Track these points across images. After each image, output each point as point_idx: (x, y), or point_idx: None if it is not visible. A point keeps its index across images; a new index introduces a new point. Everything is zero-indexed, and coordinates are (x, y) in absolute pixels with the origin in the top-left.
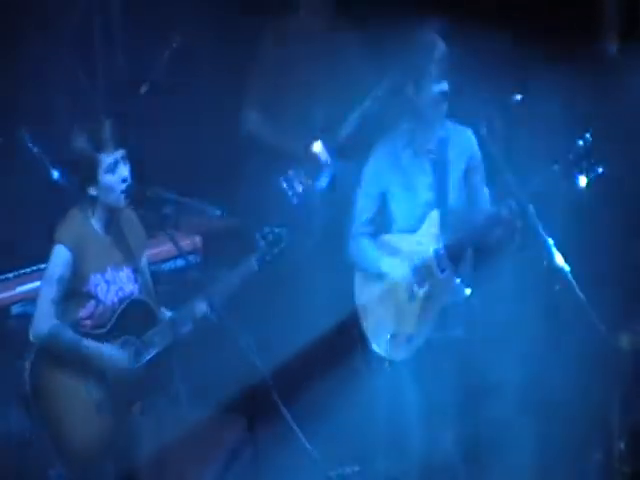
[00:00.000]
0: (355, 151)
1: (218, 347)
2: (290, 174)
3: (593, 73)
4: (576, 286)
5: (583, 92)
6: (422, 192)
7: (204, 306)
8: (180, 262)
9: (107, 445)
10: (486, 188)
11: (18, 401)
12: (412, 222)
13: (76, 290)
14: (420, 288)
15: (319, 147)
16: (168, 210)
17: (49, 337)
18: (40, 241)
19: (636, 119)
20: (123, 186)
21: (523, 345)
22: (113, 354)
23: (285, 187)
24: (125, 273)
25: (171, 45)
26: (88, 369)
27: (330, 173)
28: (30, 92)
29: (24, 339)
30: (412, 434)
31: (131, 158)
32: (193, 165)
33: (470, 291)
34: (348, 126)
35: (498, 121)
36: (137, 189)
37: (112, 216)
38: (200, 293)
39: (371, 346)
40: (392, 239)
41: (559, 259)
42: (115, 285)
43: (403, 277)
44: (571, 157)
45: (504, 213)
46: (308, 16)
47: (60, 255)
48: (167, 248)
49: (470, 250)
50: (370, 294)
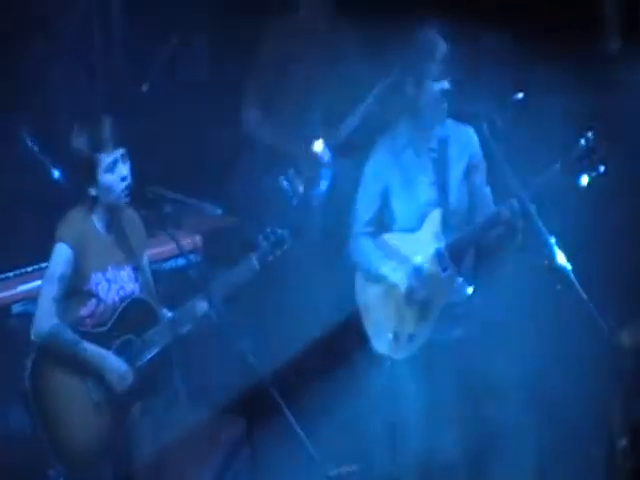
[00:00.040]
0: (355, 150)
1: (218, 347)
2: (291, 173)
3: (594, 72)
4: (578, 285)
5: (585, 91)
6: (423, 191)
7: (205, 305)
8: (181, 261)
9: (107, 445)
10: (488, 187)
11: (18, 400)
12: (413, 221)
13: (77, 288)
14: (420, 291)
15: (320, 146)
16: (169, 209)
17: (49, 336)
18: (41, 240)
19: (637, 118)
20: (123, 185)
21: (525, 344)
22: (111, 361)
23: (286, 187)
24: (126, 272)
25: (171, 45)
26: (88, 369)
27: (331, 172)
28: (30, 92)
29: (25, 338)
30: (413, 434)
31: (131, 156)
32: (193, 164)
33: (472, 290)
34: (348, 125)
35: (499, 120)
36: (138, 189)
37: (113, 215)
38: (201, 292)
39: (372, 345)
40: (393, 238)
41: (561, 258)
42: (116, 284)
43: (402, 281)
44: (573, 156)
45: (505, 212)
46: (308, 16)
47: (61, 253)
48: (168, 247)
49: (472, 249)
50: (371, 293)
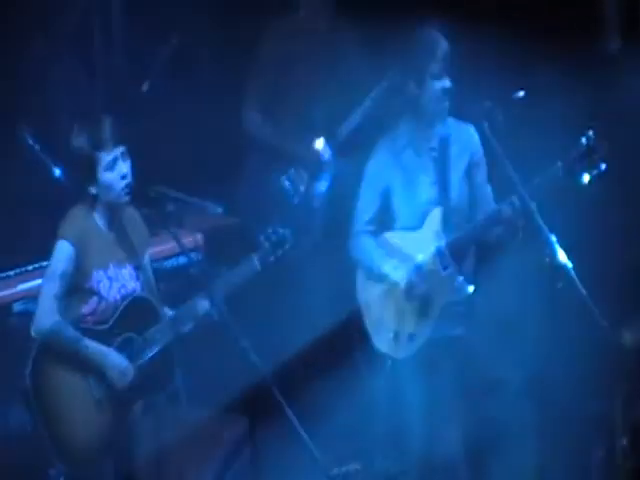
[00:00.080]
0: (357, 150)
1: (219, 346)
2: (292, 173)
3: (596, 71)
4: (579, 283)
5: (586, 90)
6: (424, 190)
7: (206, 304)
8: (182, 260)
9: (108, 443)
10: (488, 185)
11: (19, 399)
12: (414, 220)
13: (79, 286)
14: (421, 288)
15: (321, 145)
16: (171, 208)
17: (50, 333)
18: (42, 239)
19: (637, 118)
20: (123, 183)
21: (526, 342)
22: (112, 358)
23: (287, 186)
24: (127, 270)
25: (171, 44)
26: (89, 367)
27: (332, 172)
28: (31, 91)
29: (25, 337)
30: (414, 432)
31: (133, 155)
32: (195, 163)
33: (472, 289)
34: (349, 125)
35: (500, 118)
36: (140, 187)
37: (114, 213)
38: (202, 291)
39: (373, 344)
40: (394, 237)
41: (562, 256)
42: (117, 282)
43: (404, 280)
44: (574, 154)
45: (506, 210)
46: (308, 16)
47: (63, 250)
48: (169, 246)
49: (472, 248)
50: (372, 292)
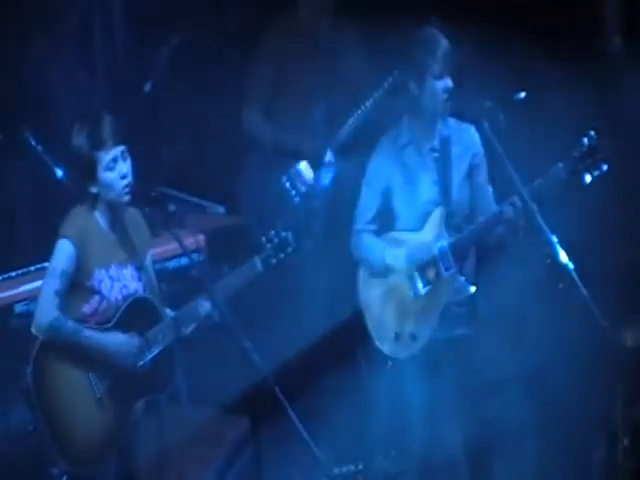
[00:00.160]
0: (358, 150)
1: (221, 346)
2: (292, 173)
3: (596, 71)
4: (580, 283)
5: (587, 90)
6: (425, 190)
7: (208, 305)
8: (184, 260)
9: (109, 443)
10: (489, 186)
11: (21, 398)
12: (416, 220)
13: (80, 284)
14: (424, 286)
15: (321, 146)
16: (172, 208)
17: (50, 329)
18: (44, 240)
19: (638, 118)
20: (123, 183)
21: (527, 343)
22: (115, 342)
23: (288, 186)
24: (129, 271)
25: (172, 44)
26: (91, 365)
27: (333, 171)
28: (33, 92)
29: (27, 338)
30: (415, 433)
31: (134, 156)
32: (196, 164)
33: (474, 289)
34: (350, 125)
35: (501, 119)
36: (141, 188)
37: (116, 213)
38: (204, 292)
39: (375, 344)
40: (396, 237)
41: (563, 256)
42: (119, 282)
43: (407, 268)
44: (575, 155)
45: (508, 211)
46: (308, 15)
47: (64, 249)
48: (171, 247)
49: (474, 248)
50: (373, 292)
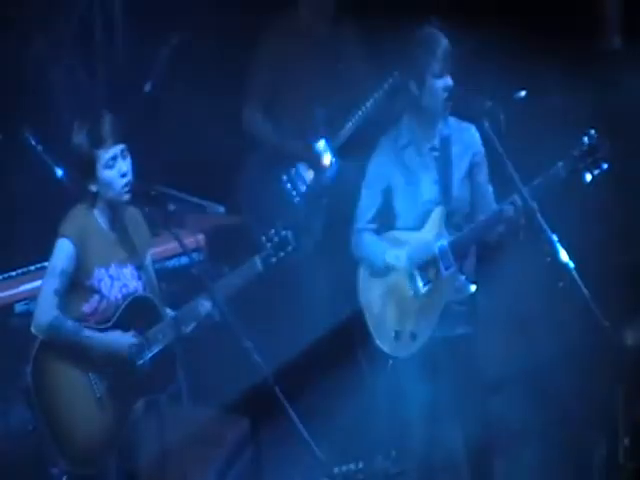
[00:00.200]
0: (359, 149)
1: (221, 346)
2: (292, 172)
3: (597, 70)
4: (580, 282)
5: (587, 89)
6: (426, 189)
7: (208, 305)
8: (184, 260)
9: (109, 442)
10: (490, 185)
11: (21, 398)
12: (416, 219)
13: (80, 283)
14: (424, 285)
15: (322, 146)
16: (172, 208)
17: (50, 328)
18: (44, 239)
19: (638, 118)
20: (123, 181)
21: (527, 342)
22: (115, 341)
23: (288, 186)
24: (129, 270)
25: (172, 44)
26: (91, 364)
27: (333, 171)
28: (33, 92)
29: (27, 337)
30: (415, 432)
31: (134, 155)
32: (196, 163)
33: (474, 288)
34: (352, 126)
35: (502, 118)
36: (141, 187)
37: (115, 212)
38: (204, 291)
39: (375, 343)
40: (396, 236)
41: (563, 255)
42: (119, 281)
43: (407, 268)
44: (576, 153)
45: (508, 210)
46: (308, 15)
47: (63, 248)
48: (171, 246)
49: (474, 247)
50: (374, 291)
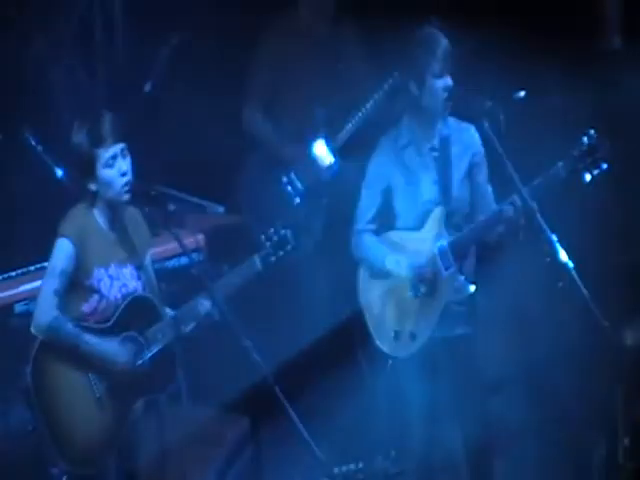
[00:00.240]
0: (358, 149)
1: (221, 345)
2: (292, 173)
3: (596, 70)
4: (580, 283)
5: (587, 89)
6: (425, 189)
7: (207, 304)
8: (184, 260)
9: (109, 442)
10: (489, 185)
11: (21, 398)
12: (415, 219)
13: (79, 283)
14: (424, 286)
15: (320, 148)
16: (172, 208)
17: (49, 329)
18: (44, 239)
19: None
20: (123, 180)
21: (527, 342)
22: (113, 350)
23: (287, 186)
24: (129, 270)
25: (172, 44)
26: (90, 365)
27: (332, 172)
28: (33, 92)
29: (27, 338)
30: (415, 432)
31: (134, 155)
32: (196, 163)
33: (474, 288)
34: (352, 127)
35: (501, 118)
36: (141, 188)
37: (115, 212)
38: (204, 291)
39: (375, 344)
40: (396, 236)
41: (563, 255)
42: (118, 281)
43: (407, 276)
44: (575, 153)
45: (508, 210)
46: (308, 15)
47: (63, 248)
48: (171, 246)
49: (474, 247)
50: (374, 291)
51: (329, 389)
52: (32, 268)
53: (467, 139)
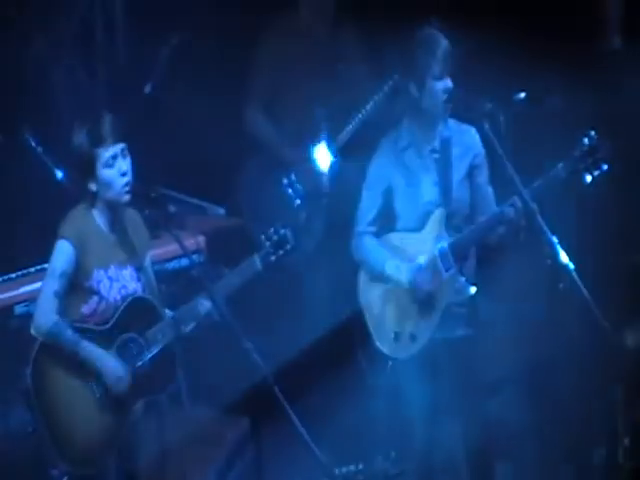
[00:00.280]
0: (359, 151)
1: (221, 346)
2: (292, 174)
3: (597, 71)
4: (580, 284)
5: (587, 90)
6: (426, 190)
7: (207, 304)
8: (184, 262)
9: (109, 443)
10: (490, 187)
11: (21, 399)
12: (416, 220)
13: (79, 285)
14: (425, 287)
15: (320, 151)
16: (172, 209)
17: (49, 335)
18: (44, 241)
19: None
20: (123, 180)
21: (527, 343)
22: (110, 364)
23: (288, 188)
24: (128, 272)
25: (172, 44)
26: (90, 367)
27: (333, 174)
28: (33, 93)
29: (27, 339)
30: (415, 433)
31: (133, 155)
32: (196, 164)
33: (474, 290)
34: (352, 128)
35: (502, 119)
36: (141, 189)
37: (115, 214)
38: (204, 292)
39: (375, 345)
40: (396, 238)
41: (563, 257)
42: (118, 283)
43: (407, 281)
44: (576, 154)
45: (508, 211)
46: (308, 15)
47: (63, 250)
48: (171, 248)
49: (474, 249)
50: (374, 292)
51: (329, 390)
52: (32, 270)
53: (468, 141)
